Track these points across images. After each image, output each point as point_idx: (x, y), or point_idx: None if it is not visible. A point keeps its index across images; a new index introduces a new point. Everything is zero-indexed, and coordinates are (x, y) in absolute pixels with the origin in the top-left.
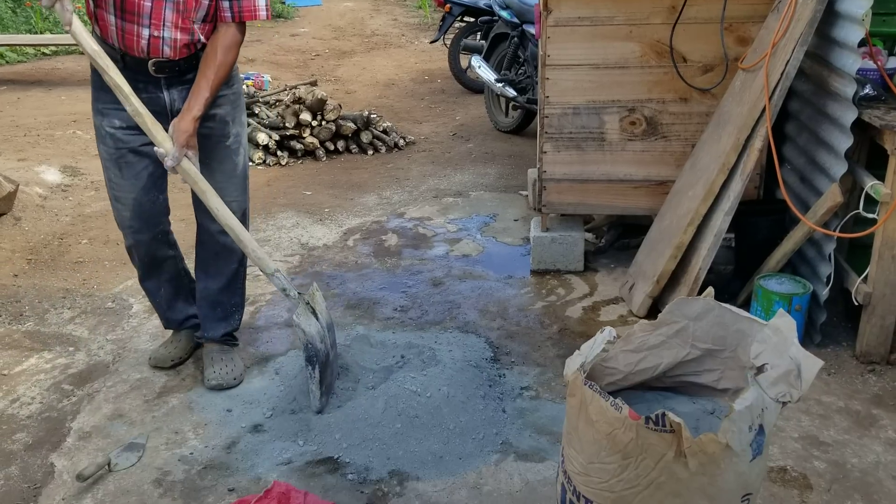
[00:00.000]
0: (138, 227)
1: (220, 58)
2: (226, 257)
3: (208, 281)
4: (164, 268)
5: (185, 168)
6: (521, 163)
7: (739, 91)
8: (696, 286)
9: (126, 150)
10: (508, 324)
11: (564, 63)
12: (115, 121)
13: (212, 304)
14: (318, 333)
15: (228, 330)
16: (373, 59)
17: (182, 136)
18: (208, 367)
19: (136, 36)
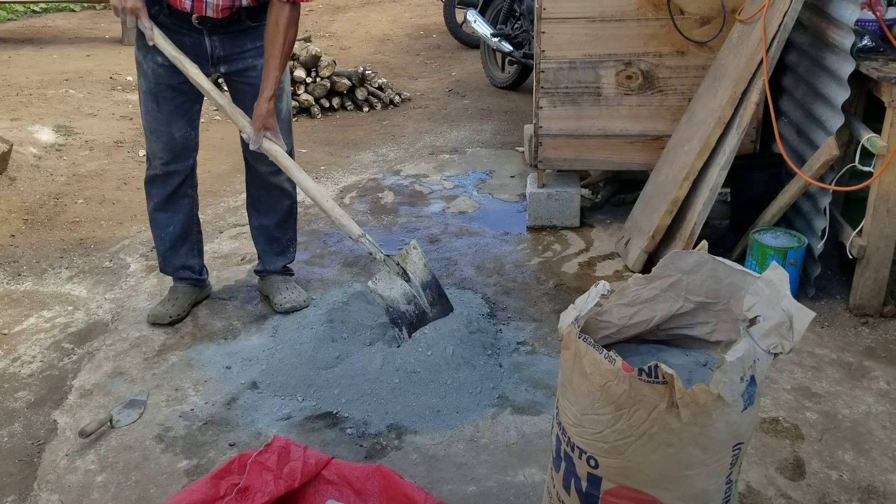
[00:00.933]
0: (168, 160)
1: (284, 35)
2: (277, 195)
3: (262, 218)
4: (181, 206)
5: (267, 148)
6: (517, 119)
7: (736, 44)
8: (692, 241)
9: (164, 86)
10: (505, 280)
11: (560, 16)
12: (158, 57)
13: (268, 239)
14: (404, 295)
15: (286, 262)
16: (367, 15)
17: (258, 120)
18: (277, 295)
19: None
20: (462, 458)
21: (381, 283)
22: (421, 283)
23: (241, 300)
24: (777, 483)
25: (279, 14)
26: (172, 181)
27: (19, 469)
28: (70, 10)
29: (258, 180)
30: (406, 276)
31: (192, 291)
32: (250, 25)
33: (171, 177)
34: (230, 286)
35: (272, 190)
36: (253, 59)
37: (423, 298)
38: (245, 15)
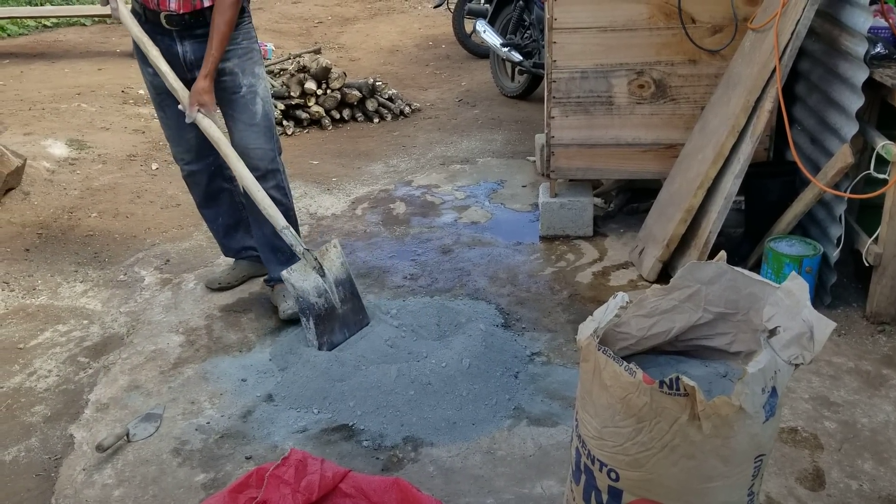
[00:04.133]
0: (189, 160)
1: (218, 18)
2: None
3: (262, 227)
4: (221, 199)
5: (199, 121)
6: (528, 128)
7: (749, 52)
8: (707, 249)
9: (164, 94)
10: (518, 290)
11: (572, 26)
12: (149, 69)
13: (272, 249)
14: (316, 289)
15: None
16: (376, 26)
17: (193, 95)
18: (282, 302)
19: None
20: (479, 470)
21: (296, 273)
22: (335, 279)
23: (256, 313)
24: (797, 493)
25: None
26: (201, 179)
27: (37, 484)
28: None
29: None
30: (321, 271)
31: (251, 266)
32: None
33: (198, 175)
34: (244, 299)
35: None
36: (222, 62)
37: (333, 294)
38: (209, 16)
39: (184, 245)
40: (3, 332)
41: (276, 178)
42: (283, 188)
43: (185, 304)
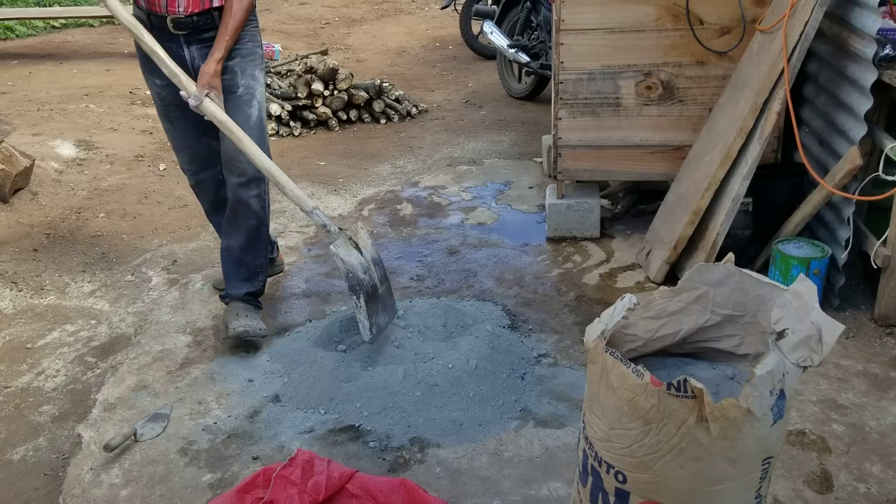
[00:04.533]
0: (196, 170)
1: (236, 4)
2: (244, 213)
3: (230, 238)
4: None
5: (206, 106)
6: (534, 129)
7: (757, 53)
8: (714, 251)
9: (172, 106)
10: (525, 291)
11: (579, 27)
12: (157, 80)
13: (235, 262)
14: (361, 265)
15: (252, 290)
16: (383, 27)
17: (203, 77)
18: (233, 319)
19: None
20: (486, 471)
21: (341, 249)
22: (371, 258)
23: (262, 313)
24: (805, 496)
25: None
26: (209, 188)
27: (45, 483)
28: (89, 25)
29: (229, 194)
30: (359, 249)
31: None
32: None
33: (205, 185)
34: None
35: (239, 205)
36: (227, 61)
37: (373, 272)
38: (218, 16)
39: (191, 245)
40: (12, 332)
41: (259, 187)
42: (264, 199)
43: (192, 304)
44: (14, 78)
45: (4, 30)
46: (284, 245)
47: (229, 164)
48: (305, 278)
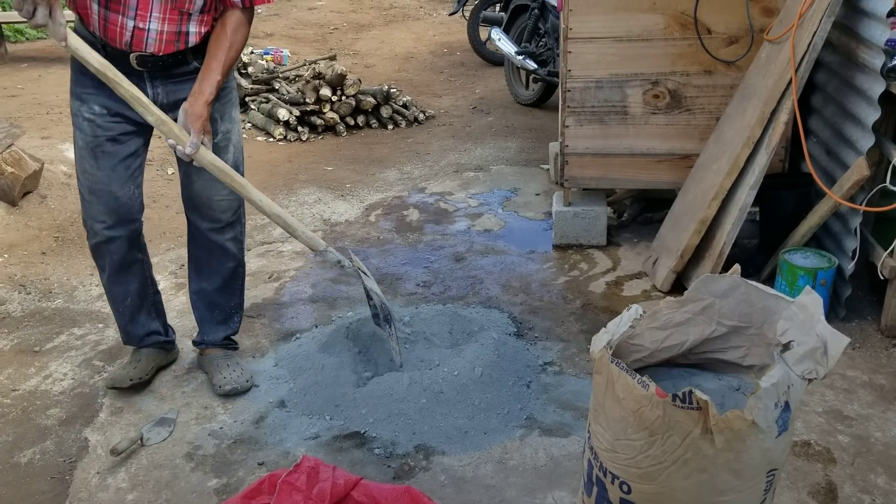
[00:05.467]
0: (112, 223)
1: (231, 38)
2: (219, 257)
3: (202, 282)
4: (133, 272)
5: (203, 155)
6: (541, 136)
7: (765, 63)
8: (721, 261)
9: (104, 139)
10: (531, 299)
11: (587, 36)
12: (95, 107)
13: (209, 305)
14: (376, 289)
15: (228, 333)
16: (391, 33)
17: (197, 122)
18: (216, 374)
19: (120, 27)
20: (490, 479)
21: (371, 283)
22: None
23: (268, 318)
24: None
25: (231, 17)
26: (119, 248)
27: (51, 487)
28: None
29: (198, 238)
30: (368, 276)
31: (157, 355)
32: (197, 67)
33: (116, 242)
34: (258, 304)
35: (213, 250)
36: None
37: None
38: (191, 55)
39: None
40: (20, 335)
41: (235, 229)
42: (241, 241)
43: None
44: (24, 81)
45: (14, 33)
46: (292, 250)
47: (201, 210)
48: (312, 283)
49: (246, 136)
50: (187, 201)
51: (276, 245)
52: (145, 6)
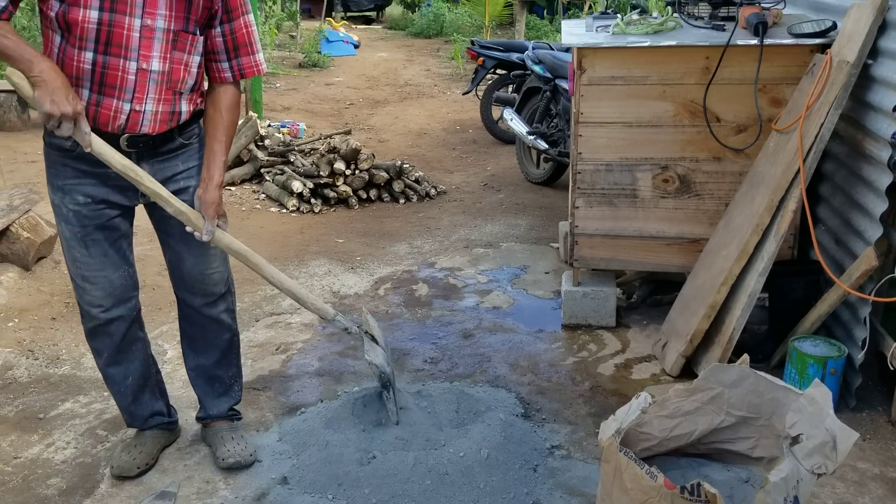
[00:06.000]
0: (109, 305)
1: (227, 118)
2: (215, 331)
3: (199, 357)
4: (134, 352)
5: (220, 238)
6: (552, 214)
7: (773, 152)
8: (730, 346)
9: (92, 227)
10: (539, 379)
11: (597, 120)
12: (79, 197)
13: (208, 379)
14: (385, 358)
15: (231, 404)
16: (406, 109)
17: (211, 208)
18: (220, 447)
19: (115, 111)
20: None
21: (370, 353)
22: (383, 344)
23: (274, 391)
24: None
25: (224, 95)
26: (118, 329)
27: None
28: None
29: (191, 315)
30: (375, 340)
31: (161, 436)
32: (182, 143)
33: (116, 324)
34: (264, 376)
35: (208, 325)
36: (185, 180)
37: (389, 358)
38: (178, 132)
39: None
40: (25, 402)
41: (227, 300)
42: (234, 311)
43: None
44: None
45: None
46: (300, 322)
47: (193, 287)
48: (319, 356)
49: (259, 206)
50: (178, 281)
51: (284, 316)
52: (142, 89)
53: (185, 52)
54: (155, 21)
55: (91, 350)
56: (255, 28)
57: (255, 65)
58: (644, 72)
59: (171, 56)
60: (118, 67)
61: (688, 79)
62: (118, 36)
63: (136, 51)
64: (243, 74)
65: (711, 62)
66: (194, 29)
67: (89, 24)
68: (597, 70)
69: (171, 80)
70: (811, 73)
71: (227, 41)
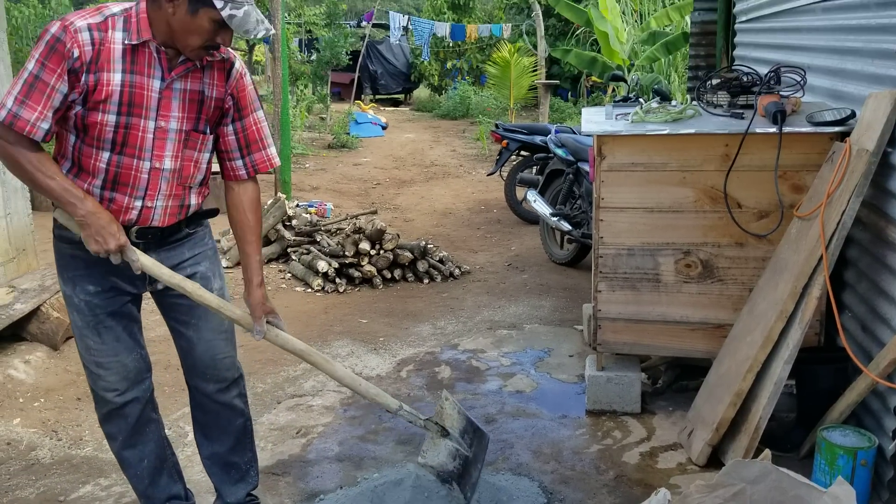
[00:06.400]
0: (124, 389)
1: (253, 219)
2: (227, 416)
3: (213, 445)
4: (149, 434)
5: (273, 336)
6: (576, 296)
7: (795, 238)
8: (758, 435)
9: (104, 315)
10: (563, 468)
11: (618, 206)
12: (89, 287)
13: (224, 467)
14: (449, 454)
15: (249, 489)
16: (431, 189)
17: (257, 309)
18: None
19: (126, 208)
20: None
21: (429, 453)
22: (459, 432)
23: (293, 476)
24: None
25: (244, 193)
26: (133, 411)
27: None
28: None
29: (205, 403)
30: (445, 431)
31: None
32: (188, 233)
33: (131, 406)
34: (284, 461)
35: (221, 411)
36: (192, 267)
37: (463, 446)
38: (185, 222)
39: None
40: (47, 483)
41: (239, 385)
42: (245, 396)
43: None
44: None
45: None
46: (321, 404)
47: (206, 373)
48: (339, 440)
49: (285, 286)
50: (190, 369)
51: (306, 398)
52: (154, 186)
53: (196, 149)
54: (168, 123)
55: (105, 436)
56: (265, 124)
57: (268, 159)
58: (664, 158)
59: (183, 154)
60: (131, 167)
61: (708, 165)
62: (133, 137)
63: (149, 151)
64: (257, 170)
65: (731, 149)
66: (205, 128)
67: (107, 127)
68: (616, 156)
69: (181, 176)
70: (831, 161)
71: (240, 138)
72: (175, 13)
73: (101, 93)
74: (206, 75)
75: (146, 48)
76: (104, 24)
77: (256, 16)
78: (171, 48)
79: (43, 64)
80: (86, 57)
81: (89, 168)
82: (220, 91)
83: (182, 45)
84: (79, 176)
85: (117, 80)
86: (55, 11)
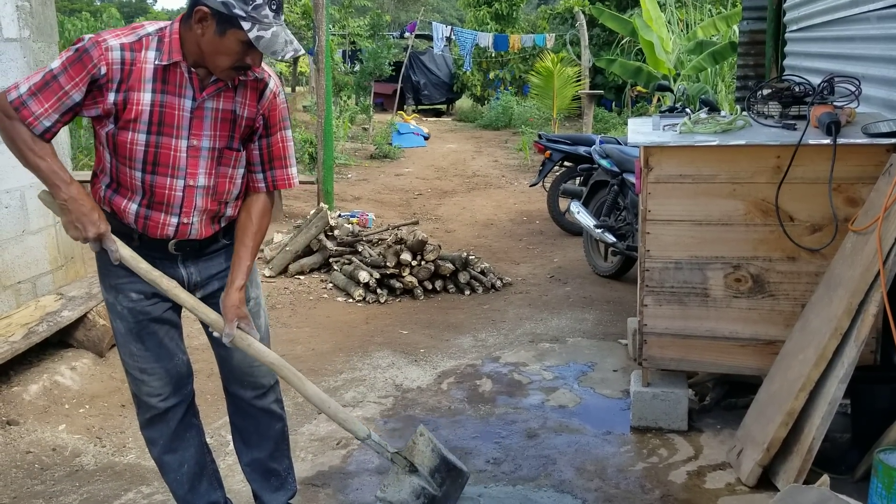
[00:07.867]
0: (168, 394)
1: (257, 225)
2: (267, 422)
3: (253, 451)
4: (188, 439)
5: (241, 340)
6: (620, 309)
7: (850, 253)
8: (810, 457)
9: (147, 321)
10: (607, 485)
11: (665, 218)
12: (132, 294)
13: (264, 474)
14: (413, 492)
15: (288, 497)
16: (473, 199)
17: (231, 311)
18: None
19: (163, 224)
20: None
21: (390, 489)
22: (429, 470)
23: (334, 488)
24: None
25: (256, 202)
26: (175, 415)
27: None
28: None
29: (244, 408)
30: (414, 468)
31: None
32: (225, 244)
33: (173, 411)
34: (324, 472)
35: (260, 417)
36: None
37: (431, 485)
38: (222, 233)
39: None
40: (90, 490)
41: (275, 391)
42: (282, 402)
43: None
44: None
45: None
46: (362, 416)
47: (243, 379)
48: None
49: (326, 296)
50: (228, 375)
51: (346, 409)
52: (189, 203)
53: (230, 166)
54: (201, 141)
55: (146, 440)
56: (291, 143)
57: (288, 178)
58: (713, 170)
59: (217, 171)
60: (165, 185)
61: (758, 177)
62: (165, 157)
63: (183, 169)
64: (276, 186)
65: (783, 161)
66: (238, 146)
67: (137, 146)
68: (664, 168)
69: (216, 192)
70: (888, 174)
71: (264, 154)
72: (204, 34)
73: (130, 112)
74: (239, 94)
75: (177, 68)
76: (138, 43)
77: (285, 36)
78: (202, 68)
79: (65, 68)
80: (113, 75)
81: (127, 184)
82: (251, 111)
83: (212, 65)
84: (118, 192)
85: (147, 99)
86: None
